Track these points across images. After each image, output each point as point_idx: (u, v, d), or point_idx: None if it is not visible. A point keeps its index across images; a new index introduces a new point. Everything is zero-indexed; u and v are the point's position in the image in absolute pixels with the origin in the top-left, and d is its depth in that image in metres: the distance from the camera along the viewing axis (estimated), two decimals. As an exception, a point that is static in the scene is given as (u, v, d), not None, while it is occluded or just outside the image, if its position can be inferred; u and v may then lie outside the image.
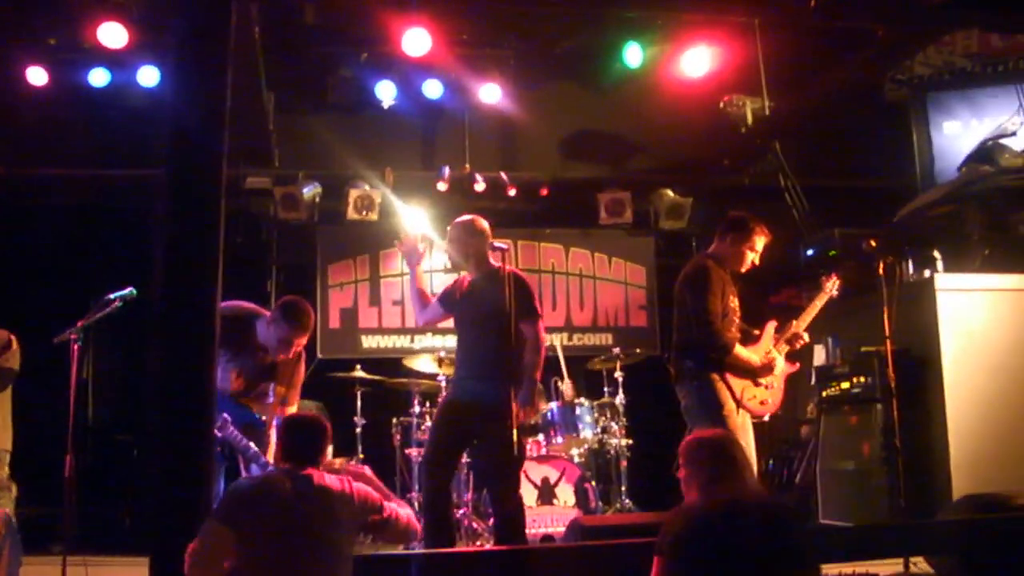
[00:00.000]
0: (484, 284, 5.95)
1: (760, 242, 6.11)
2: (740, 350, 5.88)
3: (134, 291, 6.02)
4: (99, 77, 8.60)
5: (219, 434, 5.72)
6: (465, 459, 7.43)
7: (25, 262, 9.09)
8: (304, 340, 5.89)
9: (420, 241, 6.25)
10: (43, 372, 6.77)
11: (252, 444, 5.82)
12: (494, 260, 6.01)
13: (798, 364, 6.31)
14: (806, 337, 6.29)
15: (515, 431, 5.50)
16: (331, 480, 4.05)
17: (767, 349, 6.11)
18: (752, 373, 5.94)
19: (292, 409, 6.04)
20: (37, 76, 8.45)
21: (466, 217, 6.11)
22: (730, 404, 5.77)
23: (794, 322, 6.28)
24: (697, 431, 4.15)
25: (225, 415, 5.79)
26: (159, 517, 4.28)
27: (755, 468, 5.80)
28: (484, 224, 6.05)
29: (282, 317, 5.80)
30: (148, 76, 8.54)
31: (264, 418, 6.03)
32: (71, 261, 9.18)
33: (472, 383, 5.86)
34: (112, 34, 7.77)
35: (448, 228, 6.17)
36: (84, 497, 6.50)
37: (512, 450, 5.56)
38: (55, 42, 8.43)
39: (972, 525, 5.49)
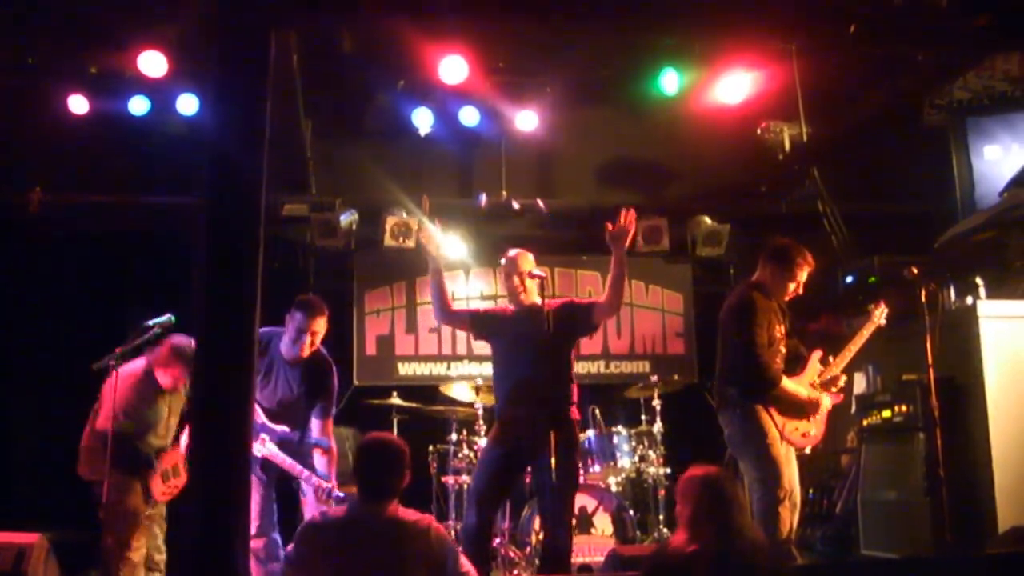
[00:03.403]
0: (531, 317, 5.93)
1: (803, 274, 6.05)
2: (787, 383, 5.82)
3: (172, 318, 6.07)
4: (139, 105, 8.68)
5: (259, 454, 5.81)
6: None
7: (64, 288, 9.17)
8: (317, 325, 6.06)
9: (436, 233, 6.29)
10: (82, 398, 6.80)
11: (291, 460, 5.99)
12: (530, 293, 6.07)
13: (842, 397, 6.24)
14: (843, 381, 6.23)
15: (573, 455, 5.62)
16: (407, 513, 4.03)
17: (811, 380, 6.04)
18: (798, 408, 5.88)
19: (330, 422, 6.24)
20: (78, 104, 8.57)
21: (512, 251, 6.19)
22: (773, 433, 5.71)
23: (832, 360, 6.22)
24: (693, 467, 4.11)
25: (264, 435, 5.88)
26: (197, 542, 4.26)
27: (798, 499, 5.75)
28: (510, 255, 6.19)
29: (295, 309, 6.06)
30: (187, 104, 8.62)
31: (288, 429, 6.13)
32: (110, 287, 9.23)
33: (527, 408, 5.80)
34: (152, 63, 7.86)
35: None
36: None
37: (572, 469, 5.61)
38: (96, 70, 8.54)
39: (1019, 558, 5.38)
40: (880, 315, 6.56)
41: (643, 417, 8.47)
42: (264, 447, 5.95)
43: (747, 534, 3.89)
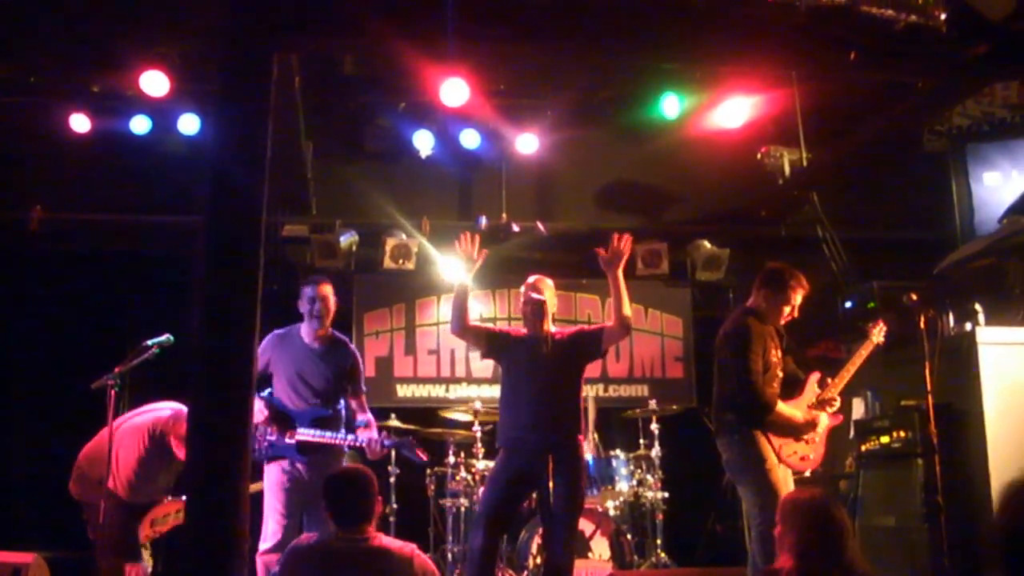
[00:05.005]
0: (542, 342, 5.98)
1: (797, 297, 6.06)
2: (782, 407, 5.82)
3: (171, 338, 6.08)
4: (140, 124, 8.73)
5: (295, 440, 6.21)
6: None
7: (63, 307, 9.16)
8: (324, 290, 6.45)
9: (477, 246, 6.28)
10: (80, 417, 6.80)
11: (331, 433, 6.35)
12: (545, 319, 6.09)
13: (841, 417, 6.24)
14: (838, 402, 6.23)
15: (579, 480, 5.73)
16: (389, 541, 4.04)
17: (809, 402, 6.04)
18: (795, 430, 5.87)
19: (363, 398, 6.80)
20: (80, 123, 8.61)
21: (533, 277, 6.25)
22: (772, 458, 5.70)
23: (830, 381, 6.23)
24: (796, 491, 4.08)
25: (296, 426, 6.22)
26: (193, 559, 4.26)
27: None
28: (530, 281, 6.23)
29: (302, 287, 6.49)
30: (189, 124, 8.66)
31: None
32: (109, 306, 9.23)
33: (535, 433, 5.82)
34: (154, 82, 7.87)
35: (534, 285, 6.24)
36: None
37: (577, 493, 5.68)
38: (98, 90, 8.57)
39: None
40: (878, 333, 6.55)
41: (641, 441, 8.46)
42: (298, 434, 6.25)
43: (858, 564, 3.82)
